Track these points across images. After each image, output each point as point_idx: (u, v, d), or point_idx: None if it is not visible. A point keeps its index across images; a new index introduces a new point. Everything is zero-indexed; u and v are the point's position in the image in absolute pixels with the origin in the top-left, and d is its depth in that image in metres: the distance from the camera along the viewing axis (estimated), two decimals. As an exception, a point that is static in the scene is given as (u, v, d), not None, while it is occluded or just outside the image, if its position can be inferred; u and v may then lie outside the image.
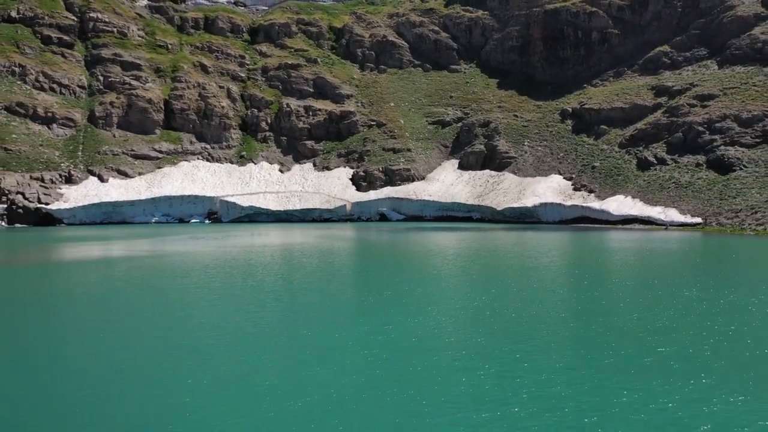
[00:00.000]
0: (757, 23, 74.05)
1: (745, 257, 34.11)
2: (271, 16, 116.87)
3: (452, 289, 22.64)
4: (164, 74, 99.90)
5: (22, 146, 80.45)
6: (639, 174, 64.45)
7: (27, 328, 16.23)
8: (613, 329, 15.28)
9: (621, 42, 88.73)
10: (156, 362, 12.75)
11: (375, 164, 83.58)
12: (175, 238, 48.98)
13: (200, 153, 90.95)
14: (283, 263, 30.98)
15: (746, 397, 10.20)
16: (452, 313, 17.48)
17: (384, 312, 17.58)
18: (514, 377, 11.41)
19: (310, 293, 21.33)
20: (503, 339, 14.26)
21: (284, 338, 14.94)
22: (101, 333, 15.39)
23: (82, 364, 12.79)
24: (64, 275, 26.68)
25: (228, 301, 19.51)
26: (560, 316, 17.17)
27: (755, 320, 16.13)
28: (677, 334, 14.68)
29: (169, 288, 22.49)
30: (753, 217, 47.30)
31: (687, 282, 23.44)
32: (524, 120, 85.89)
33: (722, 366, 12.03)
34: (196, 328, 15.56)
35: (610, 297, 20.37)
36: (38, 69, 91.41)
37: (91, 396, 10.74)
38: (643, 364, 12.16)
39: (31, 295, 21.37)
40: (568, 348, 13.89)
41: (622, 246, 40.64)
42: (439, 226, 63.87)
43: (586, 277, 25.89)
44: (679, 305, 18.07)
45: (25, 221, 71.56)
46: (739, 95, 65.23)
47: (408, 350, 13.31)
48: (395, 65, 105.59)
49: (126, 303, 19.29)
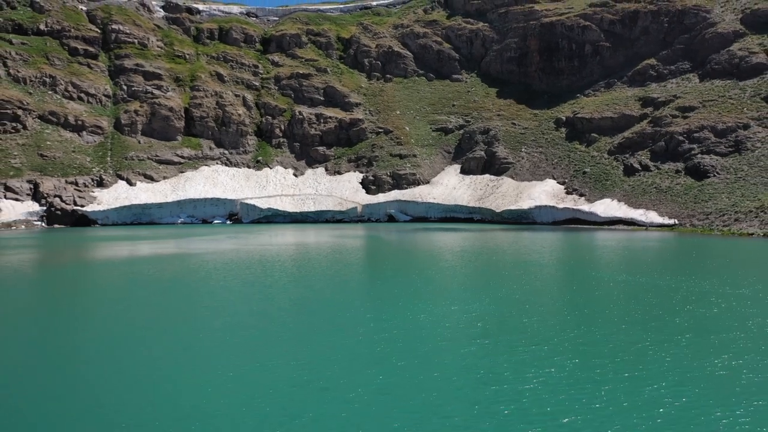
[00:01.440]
0: (736, 40, 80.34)
1: (706, 253, 40.39)
2: (282, 27, 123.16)
3: (461, 277, 28.98)
4: (183, 83, 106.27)
5: (57, 152, 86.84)
6: (625, 179, 70.88)
7: (109, 315, 22.47)
8: (592, 303, 21.60)
9: (612, 54, 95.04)
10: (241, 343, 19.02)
11: (383, 169, 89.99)
12: (215, 237, 55.29)
13: (219, 158, 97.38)
14: (322, 258, 37.29)
15: (685, 348, 16.51)
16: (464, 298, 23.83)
17: (416, 295, 23.91)
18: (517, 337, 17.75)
19: (349, 279, 27.65)
20: (509, 308, 20.58)
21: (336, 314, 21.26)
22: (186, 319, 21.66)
23: (170, 342, 18.96)
24: (154, 267, 32.86)
25: (295, 287, 25.84)
26: (553, 300, 23.51)
27: (704, 300, 22.47)
28: (640, 308, 21.00)
29: (255, 276, 28.76)
30: (720, 219, 53.68)
31: (654, 272, 29.76)
32: (521, 128, 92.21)
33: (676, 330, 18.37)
34: (295, 304, 21.87)
35: (591, 282, 26.70)
36: (67, 79, 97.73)
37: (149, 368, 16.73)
38: (616, 326, 18.47)
39: (114, 287, 27.60)
40: (559, 318, 20.23)
41: (606, 244, 46.89)
42: (443, 227, 70.21)
43: (572, 266, 32.22)
44: (643, 289, 24.43)
45: (62, 222, 77.91)
46: (716, 107, 71.62)
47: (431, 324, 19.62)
48: (400, 74, 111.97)
49: (223, 288, 25.52)
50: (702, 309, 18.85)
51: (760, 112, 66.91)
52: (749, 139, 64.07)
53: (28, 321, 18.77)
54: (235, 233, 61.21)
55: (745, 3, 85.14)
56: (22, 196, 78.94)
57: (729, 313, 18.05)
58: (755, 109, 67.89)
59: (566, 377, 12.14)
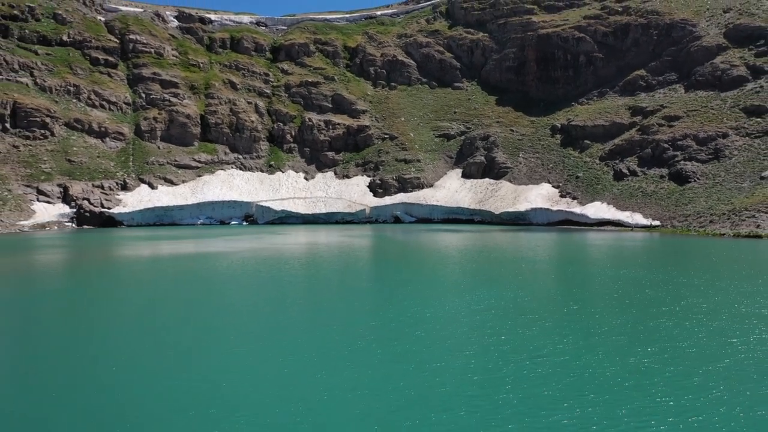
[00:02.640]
0: (719, 53, 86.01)
1: (680, 251, 46.04)
2: (291, 36, 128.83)
3: (464, 270, 34.62)
4: (198, 91, 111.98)
5: (83, 158, 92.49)
6: (614, 183, 76.59)
7: (159, 306, 28.08)
8: (582, 291, 27.21)
9: (605, 65, 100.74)
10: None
11: (389, 173, 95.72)
12: (240, 237, 60.93)
13: (234, 163, 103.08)
14: (344, 253, 42.95)
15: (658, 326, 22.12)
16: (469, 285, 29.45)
17: (428, 285, 29.53)
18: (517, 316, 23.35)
19: (367, 271, 33.29)
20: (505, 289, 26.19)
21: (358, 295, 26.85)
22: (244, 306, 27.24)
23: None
24: (206, 263, 38.44)
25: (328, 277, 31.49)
26: (547, 287, 29.17)
27: (659, 287, 28.12)
28: (617, 292, 26.63)
29: (289, 272, 34.37)
30: (697, 221, 59.31)
31: (635, 267, 35.44)
32: (519, 134, 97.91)
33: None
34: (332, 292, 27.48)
35: (581, 275, 32.34)
36: (89, 88, 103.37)
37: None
38: (598, 310, 24.06)
39: (167, 280, 33.21)
40: (550, 299, 25.87)
41: (595, 243, 52.50)
42: (446, 228, 75.86)
43: (564, 262, 37.85)
44: (624, 280, 30.08)
45: (91, 223, 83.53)
46: (698, 117, 77.32)
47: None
48: (404, 82, 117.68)
49: (274, 280, 31.10)
50: (653, 292, 24.52)
51: (738, 122, 72.61)
52: (727, 147, 69.78)
53: (107, 309, 24.44)
54: (257, 234, 66.86)
55: (728, 18, 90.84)
56: (54, 199, 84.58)
57: (671, 296, 23.71)
58: (734, 119, 73.59)
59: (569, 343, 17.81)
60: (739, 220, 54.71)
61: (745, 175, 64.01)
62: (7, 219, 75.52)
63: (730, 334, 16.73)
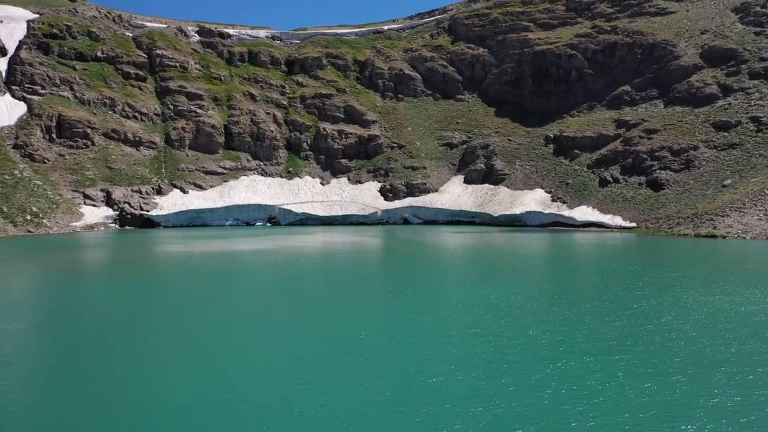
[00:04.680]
0: (695, 72, 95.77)
1: (649, 249, 55.74)
2: (304, 50, 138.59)
3: (468, 263, 44.31)
4: (221, 102, 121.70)
5: (121, 165, 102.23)
6: (599, 190, 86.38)
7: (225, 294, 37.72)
8: (571, 279, 36.88)
9: (594, 80, 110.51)
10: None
11: (398, 179, 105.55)
12: (269, 237, 70.65)
13: (255, 169, 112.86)
14: (363, 248, 52.66)
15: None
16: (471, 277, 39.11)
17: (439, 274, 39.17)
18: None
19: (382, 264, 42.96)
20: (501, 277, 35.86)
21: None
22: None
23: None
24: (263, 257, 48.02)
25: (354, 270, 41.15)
26: (539, 276, 38.85)
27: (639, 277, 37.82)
28: (593, 279, 36.29)
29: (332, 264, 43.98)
30: (666, 223, 69.06)
31: (612, 261, 45.16)
32: (516, 143, 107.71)
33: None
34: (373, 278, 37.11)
35: (567, 265, 42.04)
36: (123, 100, 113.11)
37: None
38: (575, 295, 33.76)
39: (216, 272, 42.80)
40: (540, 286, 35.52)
41: (581, 242, 62.17)
42: (451, 229, 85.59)
43: (556, 257, 47.55)
44: (601, 271, 39.81)
45: (131, 224, 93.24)
46: (674, 130, 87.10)
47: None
48: (410, 94, 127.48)
49: (319, 270, 40.72)
50: (618, 279, 34.29)
51: (707, 136, 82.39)
52: (697, 158, 79.57)
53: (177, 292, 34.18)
54: (287, 234, 76.65)
55: (704, 39, 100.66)
56: (98, 202, 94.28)
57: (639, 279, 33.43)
58: (704, 133, 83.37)
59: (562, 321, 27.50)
60: (700, 222, 64.50)
61: (710, 183, 73.86)
62: (62, 220, 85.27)
63: (666, 303, 26.54)
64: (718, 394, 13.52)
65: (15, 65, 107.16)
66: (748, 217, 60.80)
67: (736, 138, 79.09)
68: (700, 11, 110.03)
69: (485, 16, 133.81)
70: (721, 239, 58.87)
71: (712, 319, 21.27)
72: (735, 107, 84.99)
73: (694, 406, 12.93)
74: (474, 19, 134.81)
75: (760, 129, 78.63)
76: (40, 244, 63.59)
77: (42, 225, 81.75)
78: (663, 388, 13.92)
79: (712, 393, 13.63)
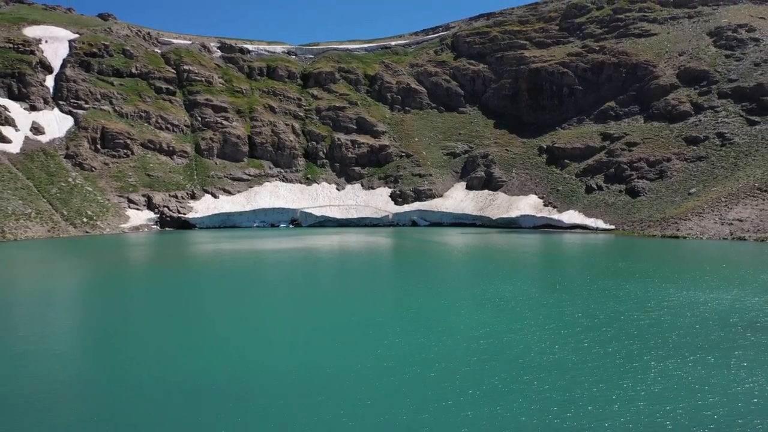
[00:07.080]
0: (672, 91, 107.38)
1: (623, 247, 67.28)
2: (318, 65, 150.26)
3: (469, 258, 55.84)
4: (244, 114, 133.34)
5: (158, 173, 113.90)
6: (585, 196, 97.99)
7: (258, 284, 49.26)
8: (561, 271, 48.42)
9: (583, 96, 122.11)
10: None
11: (407, 185, 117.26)
12: (296, 237, 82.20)
13: (277, 176, 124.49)
14: (378, 245, 64.19)
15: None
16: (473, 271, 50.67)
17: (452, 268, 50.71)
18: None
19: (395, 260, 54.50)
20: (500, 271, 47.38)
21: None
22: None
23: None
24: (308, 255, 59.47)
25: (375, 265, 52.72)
26: (532, 269, 50.41)
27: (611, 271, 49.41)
28: (575, 272, 47.86)
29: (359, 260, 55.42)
30: (640, 226, 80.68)
31: (593, 255, 56.75)
32: (513, 153, 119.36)
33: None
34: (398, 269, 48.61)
35: (556, 260, 53.58)
36: (157, 113, 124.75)
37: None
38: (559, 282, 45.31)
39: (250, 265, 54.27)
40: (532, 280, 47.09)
41: (567, 241, 73.71)
42: (454, 230, 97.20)
43: (547, 253, 59.06)
44: (588, 265, 51.39)
45: (171, 226, 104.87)
46: (651, 144, 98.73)
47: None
48: (417, 107, 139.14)
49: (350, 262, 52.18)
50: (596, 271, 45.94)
51: (680, 149, 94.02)
52: (669, 169, 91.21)
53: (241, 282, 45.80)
54: (310, 235, 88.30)
55: (681, 60, 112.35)
56: (141, 206, 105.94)
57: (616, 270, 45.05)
58: (677, 147, 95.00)
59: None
60: (666, 225, 76.17)
61: (678, 191, 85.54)
62: (112, 222, 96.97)
63: (627, 289, 38.16)
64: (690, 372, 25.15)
65: (61, 82, 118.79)
66: (706, 221, 72.47)
67: (703, 151, 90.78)
68: (680, 33, 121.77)
69: (485, 34, 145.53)
70: (683, 239, 70.56)
71: (657, 299, 32.95)
72: (704, 123, 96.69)
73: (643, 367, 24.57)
74: (475, 36, 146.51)
75: (724, 144, 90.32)
76: (104, 243, 75.31)
77: (96, 227, 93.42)
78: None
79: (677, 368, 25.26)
